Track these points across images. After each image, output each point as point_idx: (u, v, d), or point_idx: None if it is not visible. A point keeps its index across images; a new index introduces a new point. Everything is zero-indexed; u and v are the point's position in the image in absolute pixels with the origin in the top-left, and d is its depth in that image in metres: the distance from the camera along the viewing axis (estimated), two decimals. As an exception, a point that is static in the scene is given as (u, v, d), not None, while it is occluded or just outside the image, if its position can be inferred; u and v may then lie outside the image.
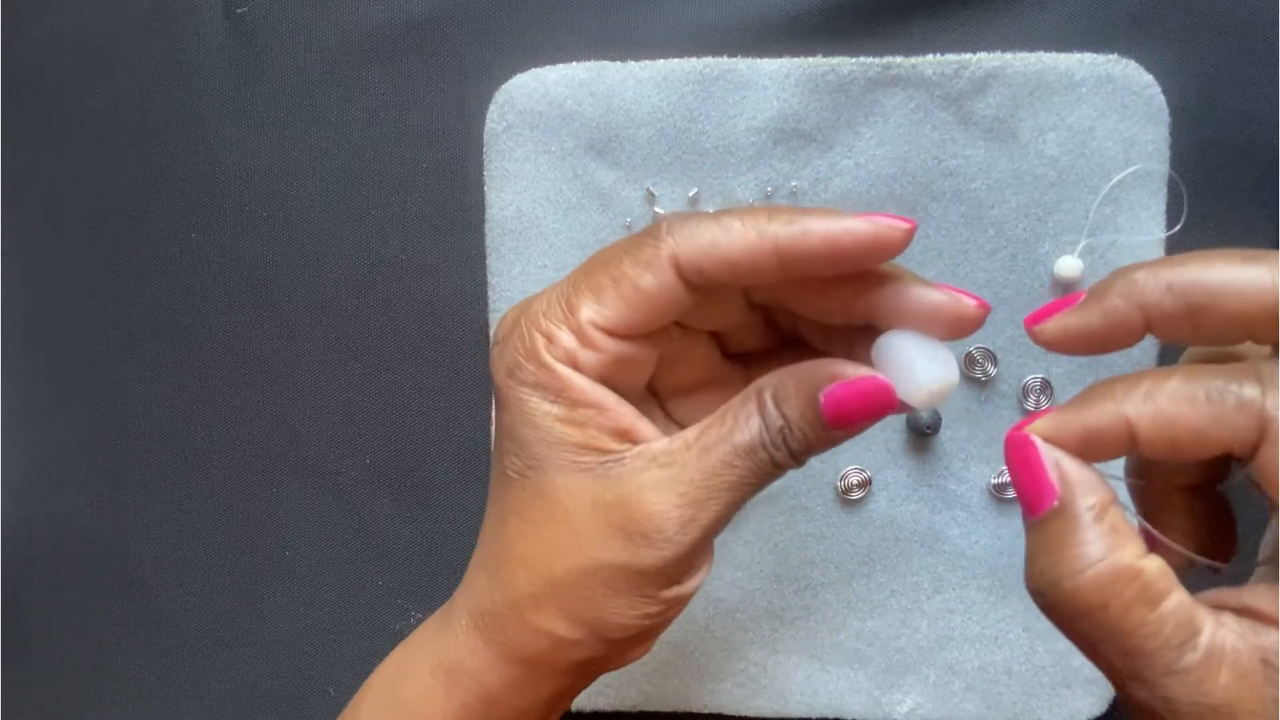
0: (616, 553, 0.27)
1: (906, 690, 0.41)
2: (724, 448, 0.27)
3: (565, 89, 0.41)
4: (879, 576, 0.41)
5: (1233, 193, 0.40)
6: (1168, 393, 0.23)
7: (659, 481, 0.27)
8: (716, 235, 0.26)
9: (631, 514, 0.27)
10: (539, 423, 0.27)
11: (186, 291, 0.44)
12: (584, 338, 0.27)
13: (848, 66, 0.40)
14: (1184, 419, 0.23)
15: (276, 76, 0.43)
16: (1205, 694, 0.22)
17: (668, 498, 0.27)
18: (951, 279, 0.40)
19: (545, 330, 0.27)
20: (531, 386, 0.27)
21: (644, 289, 0.26)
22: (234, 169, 0.44)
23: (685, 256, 0.26)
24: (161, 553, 0.45)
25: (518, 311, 0.28)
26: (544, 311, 0.27)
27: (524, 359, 0.27)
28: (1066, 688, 0.41)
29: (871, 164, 0.40)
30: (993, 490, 0.41)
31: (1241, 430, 0.23)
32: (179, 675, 0.45)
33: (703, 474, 0.27)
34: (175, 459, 0.45)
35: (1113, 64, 0.39)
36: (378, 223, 0.43)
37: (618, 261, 0.27)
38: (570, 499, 0.27)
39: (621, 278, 0.26)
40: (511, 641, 0.28)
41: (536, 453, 0.27)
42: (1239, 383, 0.23)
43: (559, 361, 0.27)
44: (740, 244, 0.26)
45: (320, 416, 0.44)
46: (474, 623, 0.29)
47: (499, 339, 0.28)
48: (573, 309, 0.27)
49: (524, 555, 0.28)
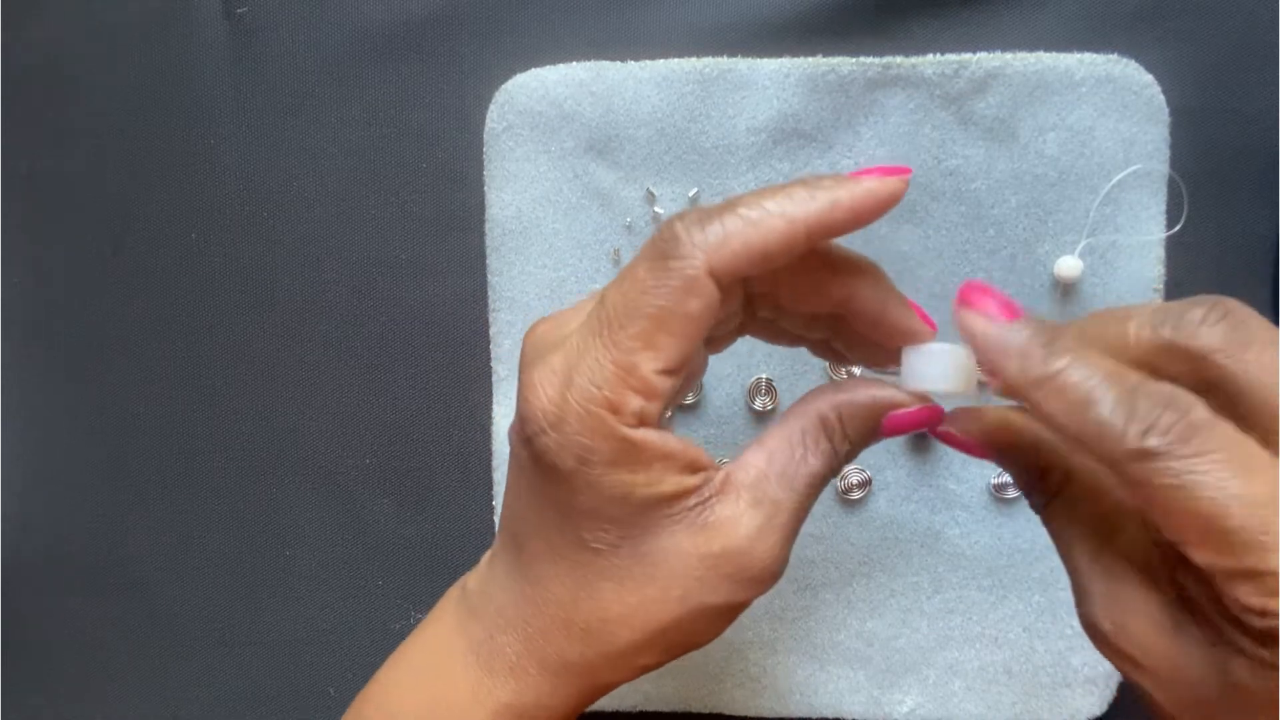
0: (725, 595, 0.28)
1: (906, 690, 0.41)
2: (802, 479, 0.28)
3: (565, 89, 0.41)
4: (879, 576, 0.41)
5: (1233, 193, 0.40)
6: (1058, 389, 0.24)
7: (759, 527, 0.27)
8: (748, 234, 0.25)
9: (742, 564, 0.27)
10: (626, 497, 0.26)
11: (186, 291, 0.44)
12: (651, 392, 0.26)
13: (848, 66, 0.40)
14: (1059, 422, 0.24)
15: (276, 77, 0.43)
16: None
17: (771, 540, 0.27)
18: (951, 279, 0.40)
19: (607, 401, 0.26)
20: (608, 466, 0.26)
21: (693, 315, 0.25)
22: (234, 169, 0.44)
23: (721, 265, 0.25)
24: (161, 553, 0.45)
25: (556, 389, 0.26)
26: (595, 382, 0.26)
27: (596, 441, 0.26)
28: (1066, 688, 0.41)
29: (871, 164, 0.40)
30: (993, 490, 0.41)
31: (1099, 455, 0.23)
32: (179, 675, 0.45)
33: (793, 512, 0.28)
34: (175, 459, 0.45)
35: (1113, 64, 0.39)
36: (378, 223, 0.43)
37: (652, 297, 0.25)
38: (675, 557, 0.27)
39: (667, 315, 0.25)
40: (602, 683, 0.29)
41: (630, 524, 0.27)
42: (1112, 412, 0.23)
43: (631, 429, 0.26)
44: (773, 236, 0.25)
45: (320, 416, 0.44)
46: (552, 670, 0.29)
47: (547, 426, 0.26)
48: (628, 368, 0.25)
49: (625, 616, 0.28)
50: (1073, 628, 0.40)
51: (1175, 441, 0.22)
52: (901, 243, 0.40)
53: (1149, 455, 0.22)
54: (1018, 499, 0.41)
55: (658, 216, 0.41)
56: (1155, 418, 0.22)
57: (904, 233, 0.40)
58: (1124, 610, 0.25)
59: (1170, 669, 0.25)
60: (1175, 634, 0.25)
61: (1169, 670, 0.25)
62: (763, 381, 0.41)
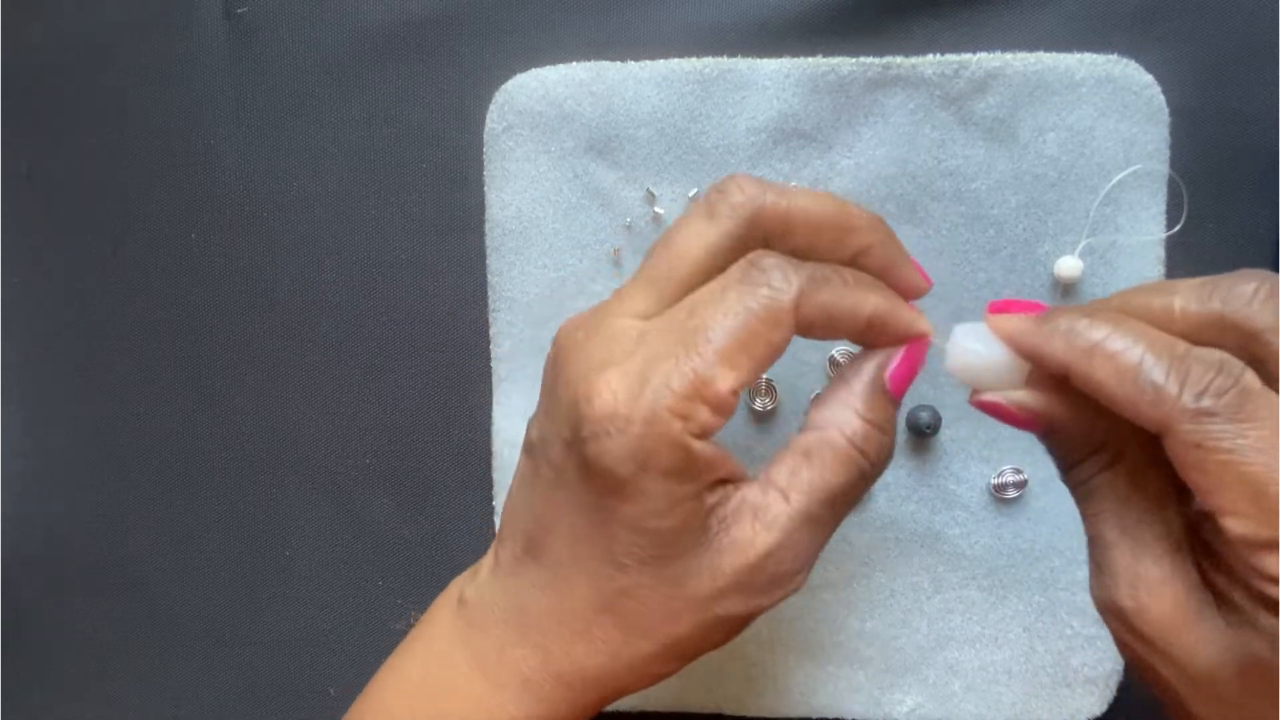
0: (741, 606, 0.28)
1: (906, 690, 0.41)
2: (819, 493, 0.28)
3: (565, 89, 0.41)
4: (879, 576, 0.41)
5: (1233, 193, 0.40)
6: (1109, 354, 0.24)
7: (777, 543, 0.27)
8: (838, 298, 0.27)
9: (760, 579, 0.28)
10: (675, 510, 0.27)
11: (186, 291, 0.44)
12: (721, 407, 0.26)
13: (848, 66, 0.40)
14: (1108, 391, 0.24)
15: (276, 76, 0.43)
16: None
17: (789, 555, 0.28)
18: (951, 279, 0.40)
19: (679, 410, 0.26)
20: (664, 474, 0.26)
21: (775, 345, 0.27)
22: (233, 169, 0.44)
23: (805, 313, 0.27)
24: (161, 553, 0.45)
25: (628, 392, 0.26)
26: (672, 387, 0.26)
27: (661, 447, 0.26)
28: (1066, 688, 0.41)
29: (871, 164, 0.40)
30: (993, 490, 0.41)
31: (1150, 421, 0.24)
32: (179, 675, 0.45)
33: (811, 523, 0.28)
34: (175, 459, 0.45)
35: (1113, 64, 0.39)
36: (378, 223, 0.43)
37: (743, 322, 0.26)
38: (698, 576, 0.27)
39: (753, 341, 0.26)
40: (615, 692, 0.29)
41: (668, 541, 0.27)
42: (1165, 376, 0.23)
43: (695, 438, 0.26)
44: (846, 311, 0.27)
45: (320, 416, 0.44)
46: (567, 684, 0.29)
47: (613, 429, 0.26)
48: (707, 380, 0.26)
49: (648, 629, 0.28)
50: (1072, 628, 0.40)
51: (1229, 405, 0.22)
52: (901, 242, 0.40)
53: (1204, 415, 0.22)
54: (1018, 499, 0.41)
55: (658, 217, 0.41)
56: (1208, 381, 0.23)
57: (904, 233, 0.40)
58: (1148, 590, 0.25)
59: (1189, 652, 0.25)
60: (1197, 617, 0.25)
61: (1187, 653, 0.25)
62: (763, 381, 0.41)
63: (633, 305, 0.29)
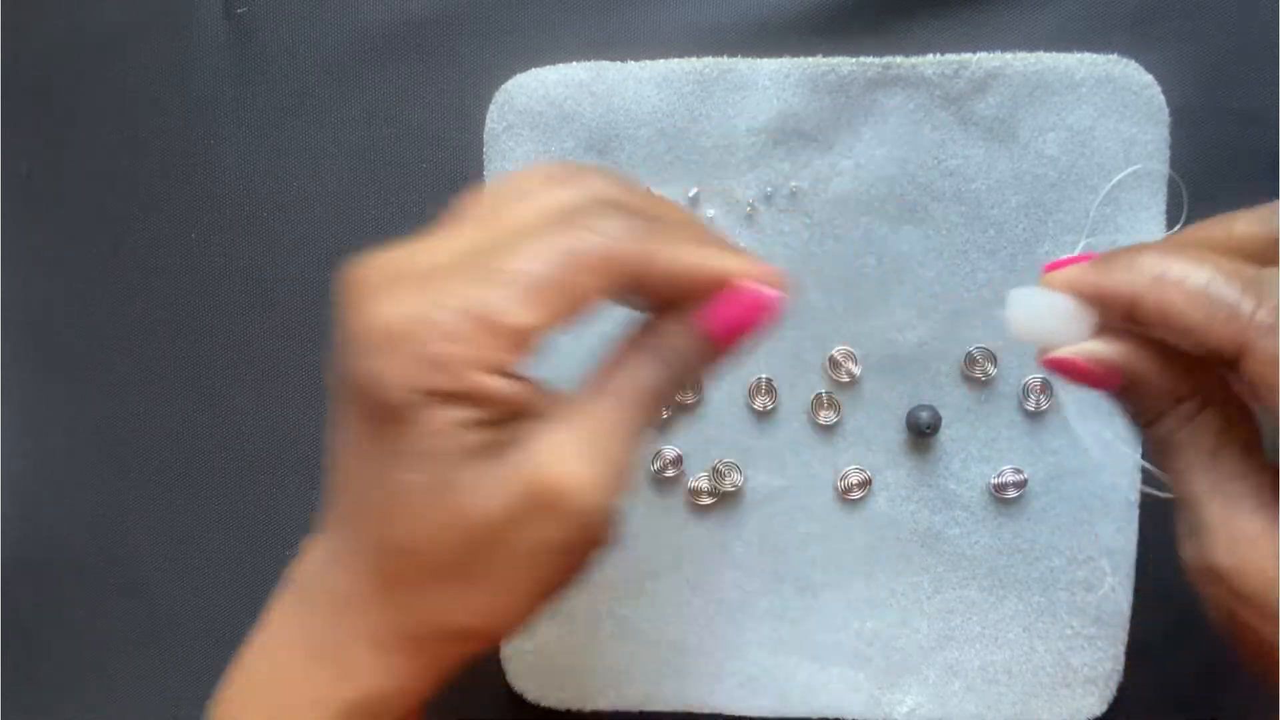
0: (541, 531, 0.25)
1: (906, 690, 0.41)
2: (626, 393, 0.26)
3: (565, 89, 0.41)
4: (879, 576, 0.41)
5: (1233, 193, 0.40)
6: (1177, 279, 0.24)
7: (565, 449, 0.25)
8: (669, 250, 0.25)
9: (557, 493, 0.25)
10: (455, 440, 0.25)
11: (186, 291, 0.44)
12: (517, 344, 0.24)
13: (848, 66, 0.40)
14: (1179, 314, 0.24)
15: (276, 76, 0.43)
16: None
17: (584, 463, 0.25)
18: (951, 279, 0.40)
19: (464, 335, 0.24)
20: (444, 400, 0.24)
21: (588, 291, 0.25)
22: (234, 169, 0.44)
23: (627, 263, 0.25)
24: (161, 553, 0.45)
25: (412, 309, 0.24)
26: (457, 310, 0.24)
27: (440, 373, 0.24)
28: (1066, 688, 0.41)
29: (871, 164, 0.40)
30: (993, 490, 0.41)
31: (1226, 341, 0.24)
32: (179, 675, 0.45)
33: (610, 426, 0.26)
34: (175, 459, 0.45)
35: (1113, 64, 0.39)
36: (378, 223, 0.43)
37: (555, 261, 0.24)
38: (485, 496, 0.25)
39: (562, 283, 0.24)
40: (446, 650, 0.27)
41: (449, 464, 0.25)
42: (1239, 295, 0.23)
43: (482, 371, 0.24)
44: (678, 266, 0.26)
45: (320, 416, 0.44)
46: (388, 648, 0.27)
47: (395, 344, 0.24)
48: (498, 312, 0.24)
49: (445, 565, 0.26)
50: (1072, 628, 0.40)
51: None
52: (901, 243, 0.40)
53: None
54: (1018, 499, 0.41)
55: (658, 216, 0.41)
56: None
57: (904, 233, 0.40)
58: (1248, 545, 0.25)
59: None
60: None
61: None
62: (763, 381, 0.41)
63: (442, 237, 0.27)
